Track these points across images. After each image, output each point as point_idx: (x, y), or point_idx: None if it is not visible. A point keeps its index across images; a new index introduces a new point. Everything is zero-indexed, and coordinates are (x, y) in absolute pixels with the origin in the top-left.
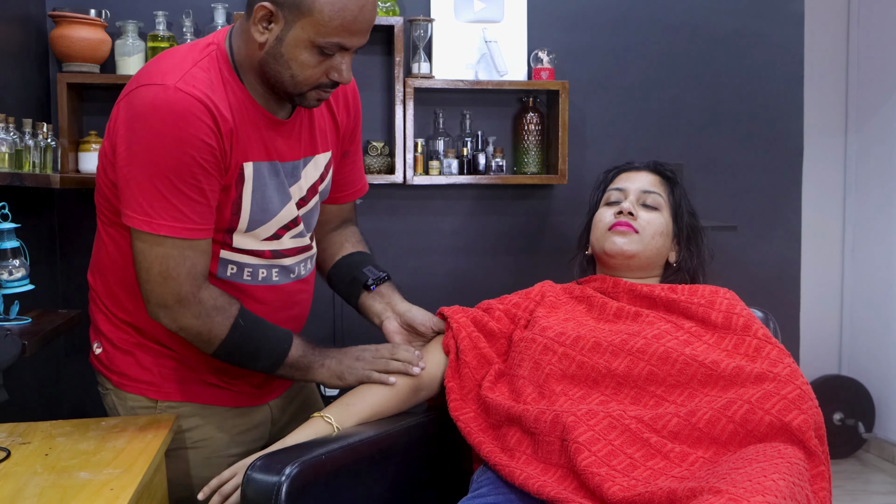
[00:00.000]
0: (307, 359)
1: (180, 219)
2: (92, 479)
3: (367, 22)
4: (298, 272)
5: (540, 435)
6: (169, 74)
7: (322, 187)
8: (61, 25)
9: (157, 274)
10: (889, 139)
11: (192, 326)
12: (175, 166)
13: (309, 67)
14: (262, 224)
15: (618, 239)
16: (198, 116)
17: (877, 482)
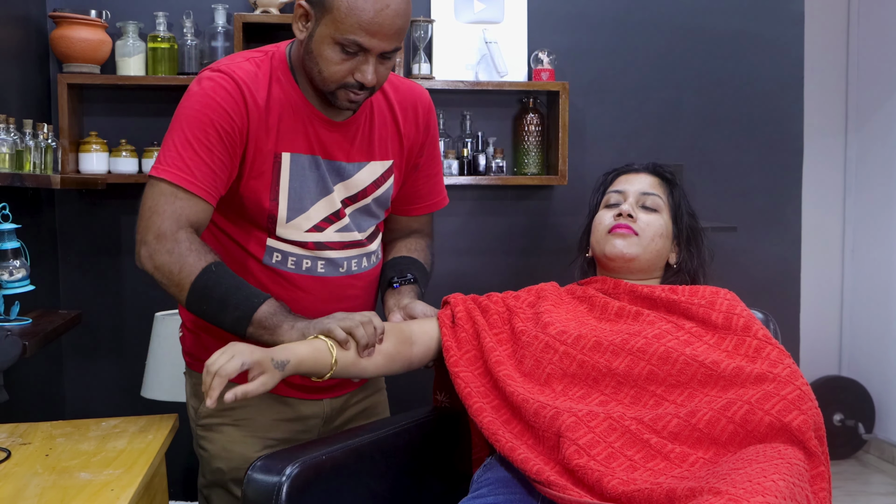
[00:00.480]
0: (277, 318)
1: (181, 168)
2: (92, 480)
3: (386, 25)
4: (348, 267)
5: (539, 430)
6: (222, 63)
7: (378, 193)
8: (62, 26)
9: (148, 209)
10: (889, 140)
11: (165, 263)
12: (192, 122)
13: (333, 63)
14: (302, 213)
15: (618, 242)
16: (226, 89)
17: (877, 483)
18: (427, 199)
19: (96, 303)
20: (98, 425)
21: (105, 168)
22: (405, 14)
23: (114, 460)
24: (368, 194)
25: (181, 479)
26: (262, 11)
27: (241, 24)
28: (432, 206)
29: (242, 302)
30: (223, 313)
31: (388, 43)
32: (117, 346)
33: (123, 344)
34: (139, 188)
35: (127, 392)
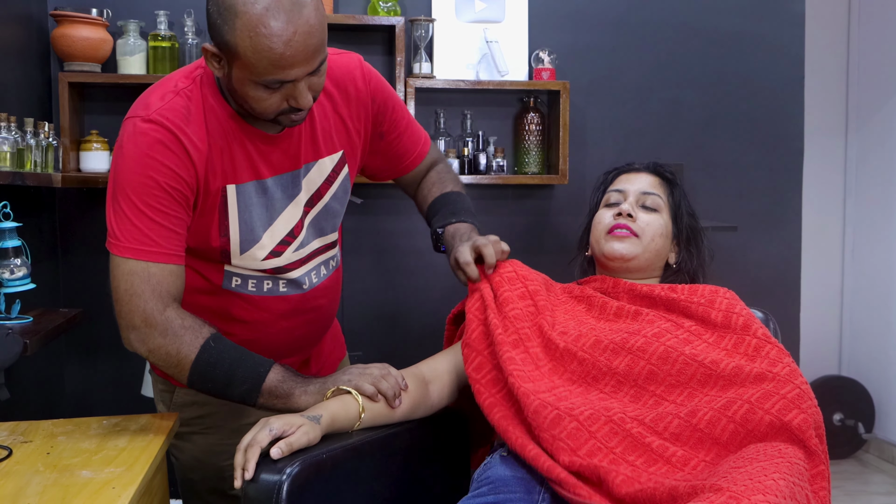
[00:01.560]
0: (287, 385)
1: (143, 241)
2: (93, 478)
3: (299, 53)
4: (310, 282)
5: (537, 429)
6: (151, 105)
7: (335, 189)
8: (63, 25)
9: (124, 292)
10: (889, 140)
11: (160, 346)
12: (139, 189)
13: (262, 101)
14: (255, 243)
15: (616, 244)
16: (165, 144)
17: (876, 483)
18: (412, 152)
19: (97, 301)
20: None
21: (106, 167)
22: (318, 29)
23: (115, 458)
24: (324, 193)
25: None
26: None
27: None
28: (420, 156)
29: (249, 374)
30: (230, 388)
31: (310, 65)
32: (118, 345)
33: None
34: None
35: (128, 390)
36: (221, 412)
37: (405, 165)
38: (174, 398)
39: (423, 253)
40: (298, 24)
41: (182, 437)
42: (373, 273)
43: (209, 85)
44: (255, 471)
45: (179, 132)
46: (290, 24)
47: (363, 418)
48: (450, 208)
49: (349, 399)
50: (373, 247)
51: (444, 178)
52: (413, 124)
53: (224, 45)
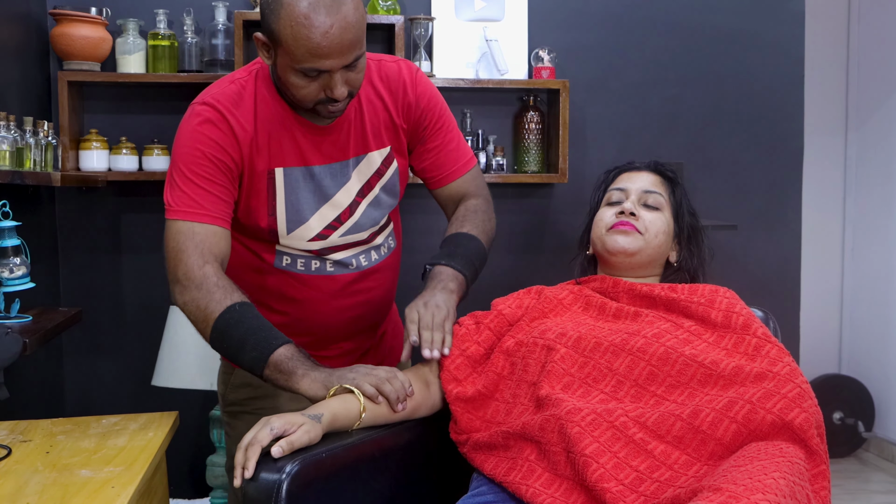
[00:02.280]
0: (292, 363)
1: (190, 204)
2: (93, 477)
3: (335, 44)
4: (357, 264)
5: (546, 444)
6: (206, 94)
7: (384, 181)
8: (62, 23)
9: (171, 249)
10: (889, 139)
11: (193, 299)
12: (188, 159)
13: (301, 88)
14: (301, 224)
15: (619, 238)
16: (211, 121)
17: (876, 481)
18: (449, 166)
19: (96, 300)
20: (99, 422)
21: (105, 165)
22: (355, 25)
23: (114, 458)
24: (374, 185)
25: (182, 476)
26: None
27: (241, 21)
28: (458, 172)
29: (261, 343)
30: (242, 352)
31: (345, 58)
32: (118, 344)
33: (124, 341)
34: (139, 186)
35: (128, 389)
36: (278, 397)
37: (442, 177)
38: (232, 379)
39: (424, 251)
40: (336, 18)
41: (235, 415)
42: None
43: (264, 79)
44: (255, 469)
45: (227, 112)
46: (329, 18)
47: (364, 417)
48: (449, 249)
49: (350, 398)
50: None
51: (468, 217)
52: (458, 142)
53: (270, 33)
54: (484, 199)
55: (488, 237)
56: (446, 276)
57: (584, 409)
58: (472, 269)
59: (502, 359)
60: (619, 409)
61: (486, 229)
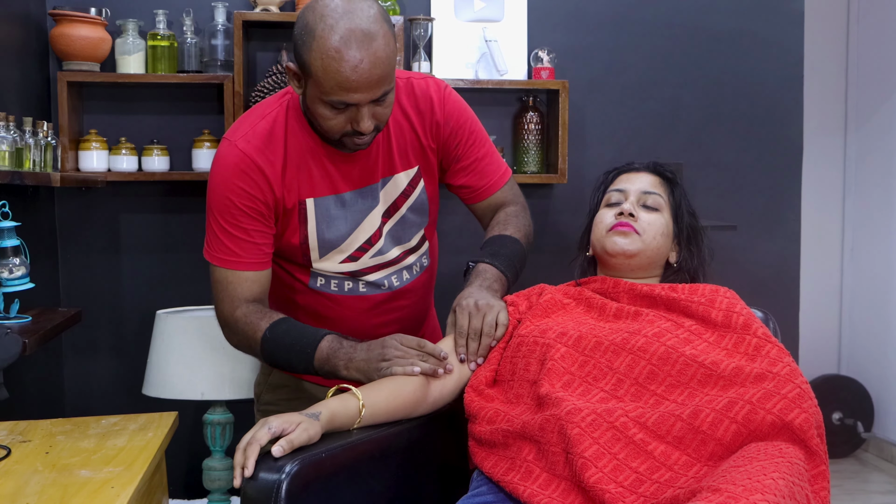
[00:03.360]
0: (332, 363)
1: (225, 252)
2: (92, 478)
3: (364, 79)
4: (389, 284)
5: (545, 444)
6: (239, 130)
7: (411, 202)
8: (61, 24)
9: (214, 297)
10: (888, 139)
11: (238, 343)
12: (220, 207)
13: (328, 119)
14: (333, 249)
15: (619, 239)
16: (244, 171)
17: (876, 482)
18: (487, 180)
19: (96, 300)
20: (98, 423)
21: (105, 166)
22: (385, 61)
23: (114, 458)
24: (400, 205)
25: (181, 477)
26: (263, 9)
27: (241, 22)
28: (492, 188)
29: (301, 357)
30: (294, 369)
31: (374, 93)
32: (117, 344)
33: (123, 342)
34: (139, 186)
35: (127, 390)
36: (306, 397)
37: (478, 193)
38: (270, 379)
39: None
40: (366, 53)
41: (267, 413)
42: None
43: (294, 109)
44: (255, 469)
45: (259, 156)
46: (359, 53)
47: (363, 415)
48: (493, 249)
49: (349, 396)
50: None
51: (508, 221)
52: (492, 156)
53: (302, 64)
54: (521, 206)
55: (528, 242)
56: (491, 275)
57: (585, 410)
58: (514, 271)
59: (506, 362)
60: (620, 408)
61: (527, 233)
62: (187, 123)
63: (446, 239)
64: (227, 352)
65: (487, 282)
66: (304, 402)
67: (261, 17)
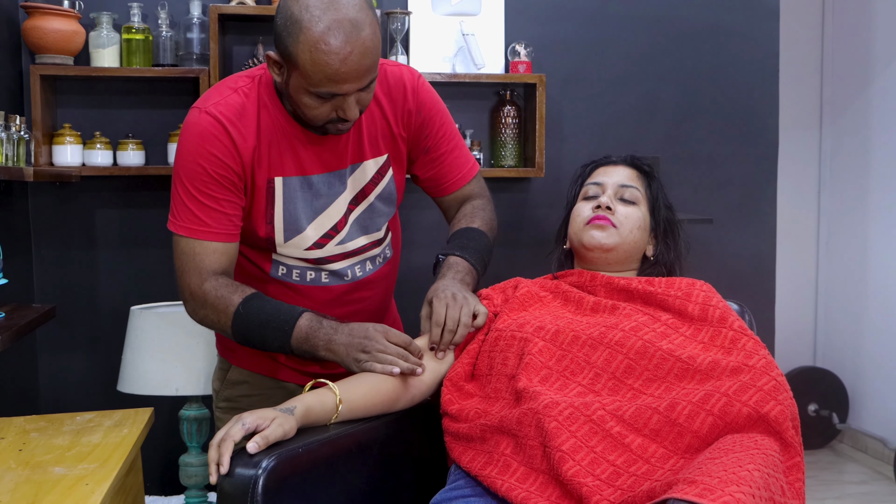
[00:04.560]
0: (311, 342)
1: (193, 220)
2: (66, 475)
3: (353, 72)
4: (353, 274)
5: (523, 438)
6: (209, 99)
7: (380, 190)
8: (34, 16)
9: (178, 269)
10: (863, 133)
11: (205, 316)
12: (190, 174)
13: (313, 108)
14: (298, 233)
15: (596, 233)
16: (214, 135)
17: (851, 472)
18: (452, 176)
19: (71, 296)
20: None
21: (79, 160)
22: (372, 50)
23: (88, 455)
24: (368, 192)
25: (157, 473)
26: (239, 2)
27: (216, 15)
28: (461, 181)
29: (277, 335)
30: (266, 347)
31: (361, 82)
32: (92, 340)
33: (99, 338)
34: (114, 181)
35: (102, 386)
36: (269, 393)
37: (446, 186)
38: (228, 375)
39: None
40: (356, 44)
41: (227, 410)
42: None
43: (267, 86)
44: (230, 465)
45: (230, 125)
46: (348, 44)
47: (340, 411)
48: (462, 241)
49: (326, 392)
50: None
51: (475, 214)
52: (460, 149)
53: (286, 55)
54: (487, 199)
55: (494, 235)
56: (463, 267)
57: (562, 403)
58: (483, 264)
59: (484, 356)
60: (597, 402)
61: (492, 227)
62: (163, 117)
63: (423, 234)
64: (203, 347)
65: (460, 275)
66: (263, 399)
67: (237, 11)
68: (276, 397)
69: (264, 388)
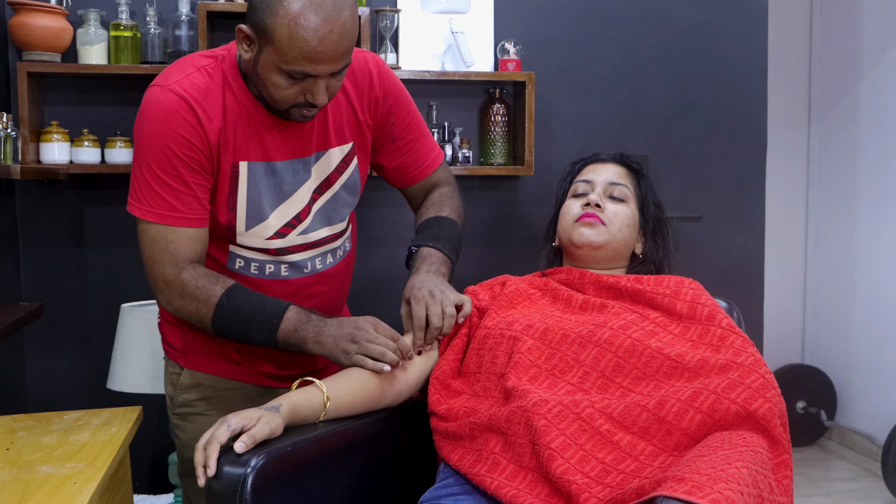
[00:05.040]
0: (299, 335)
1: (164, 206)
2: (54, 473)
3: (330, 52)
4: (313, 267)
5: (512, 436)
6: (170, 77)
7: (344, 179)
8: (21, 13)
9: (148, 258)
10: (851, 131)
11: (182, 307)
12: (158, 157)
13: (282, 89)
14: (261, 221)
15: (585, 230)
16: (181, 115)
17: (838, 469)
18: (418, 164)
19: (59, 295)
20: (60, 418)
21: (67, 158)
22: (351, 33)
23: (76, 453)
24: (333, 182)
25: (146, 472)
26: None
27: (205, 12)
28: (427, 169)
29: (263, 327)
30: (249, 339)
31: (335, 65)
32: (80, 339)
33: (87, 336)
34: (102, 178)
35: (90, 385)
36: (225, 395)
37: (412, 174)
38: (181, 379)
39: (389, 244)
40: (335, 24)
41: (185, 417)
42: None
43: (231, 66)
44: (218, 466)
45: (196, 105)
46: (328, 23)
47: (328, 408)
48: (433, 231)
49: (313, 389)
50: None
51: (444, 202)
52: (426, 137)
53: (261, 29)
54: (454, 186)
55: (462, 223)
56: (437, 258)
57: (551, 401)
58: (456, 253)
59: (472, 353)
60: (586, 400)
61: (461, 214)
62: None
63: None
64: None
65: (434, 266)
66: (220, 402)
67: (225, 8)
68: (233, 399)
69: (219, 389)
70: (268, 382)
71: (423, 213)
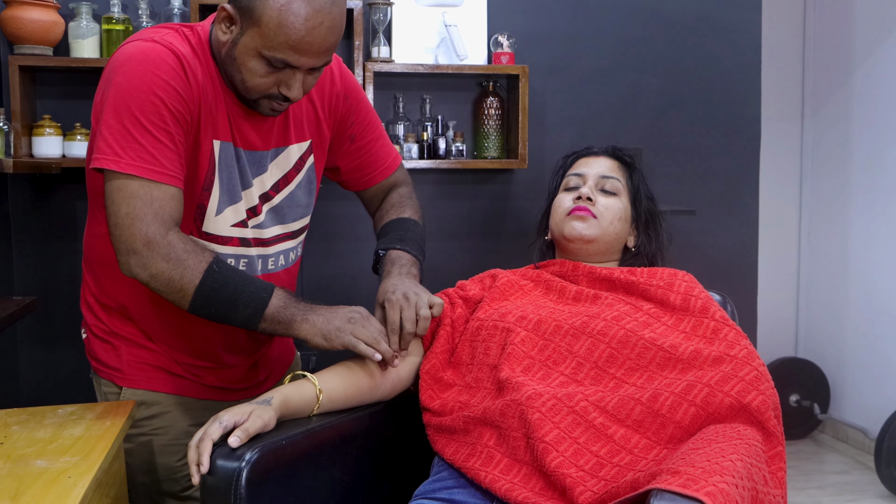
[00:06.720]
0: (289, 311)
1: (148, 160)
2: (48, 468)
3: (316, 44)
4: (264, 266)
5: (506, 430)
6: (150, 33)
7: (301, 177)
8: (12, 6)
9: (125, 216)
10: (844, 125)
11: (163, 271)
12: (145, 107)
13: (257, 76)
14: (231, 204)
15: (577, 224)
16: (169, 64)
17: (832, 462)
18: (376, 166)
19: (53, 289)
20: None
21: (59, 152)
22: (339, 28)
23: (71, 447)
24: (291, 180)
25: None
26: None
27: (197, 5)
28: (385, 172)
29: (252, 299)
30: (233, 313)
31: (318, 60)
32: (74, 333)
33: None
34: None
35: (85, 379)
36: (173, 412)
37: (371, 176)
38: (121, 399)
39: None
40: (326, 16)
41: (130, 439)
42: (328, 259)
43: (202, 45)
44: (211, 461)
45: (183, 59)
46: (320, 14)
47: (321, 401)
48: (398, 234)
49: (305, 383)
50: (327, 232)
51: (403, 203)
52: (385, 138)
53: (248, 11)
54: (411, 186)
55: (424, 223)
56: (407, 260)
57: (545, 395)
58: (423, 254)
59: (465, 344)
60: (580, 392)
61: (421, 215)
62: None
63: None
64: None
65: (406, 268)
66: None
67: (217, 1)
68: (183, 413)
69: (166, 406)
70: (214, 396)
71: (383, 216)
